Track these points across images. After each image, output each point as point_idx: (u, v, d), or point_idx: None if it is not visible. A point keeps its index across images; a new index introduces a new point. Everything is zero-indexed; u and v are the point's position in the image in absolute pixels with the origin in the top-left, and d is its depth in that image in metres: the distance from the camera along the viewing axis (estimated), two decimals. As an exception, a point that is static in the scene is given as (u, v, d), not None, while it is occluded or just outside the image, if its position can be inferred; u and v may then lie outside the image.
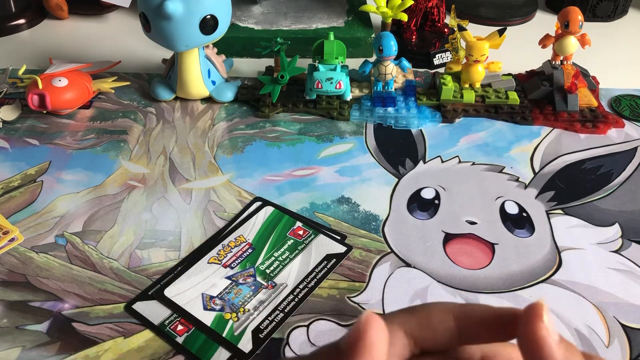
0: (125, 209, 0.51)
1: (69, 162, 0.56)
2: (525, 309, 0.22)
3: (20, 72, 0.65)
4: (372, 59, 0.64)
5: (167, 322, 0.42)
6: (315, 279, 0.45)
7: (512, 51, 0.68)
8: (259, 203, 0.52)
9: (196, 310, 0.42)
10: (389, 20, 0.71)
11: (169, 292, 0.44)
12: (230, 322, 0.42)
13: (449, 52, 0.71)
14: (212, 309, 0.42)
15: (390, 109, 0.62)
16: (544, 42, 0.65)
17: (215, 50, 0.66)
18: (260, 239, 0.48)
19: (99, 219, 0.50)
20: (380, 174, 0.55)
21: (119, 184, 0.54)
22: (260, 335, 0.41)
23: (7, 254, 0.47)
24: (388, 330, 0.22)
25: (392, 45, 0.60)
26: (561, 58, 0.64)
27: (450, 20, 0.65)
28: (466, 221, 0.50)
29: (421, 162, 0.57)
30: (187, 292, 0.44)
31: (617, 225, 0.50)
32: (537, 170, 0.56)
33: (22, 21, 0.80)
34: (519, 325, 0.22)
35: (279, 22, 0.74)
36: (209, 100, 0.65)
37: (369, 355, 0.21)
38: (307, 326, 0.42)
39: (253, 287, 0.44)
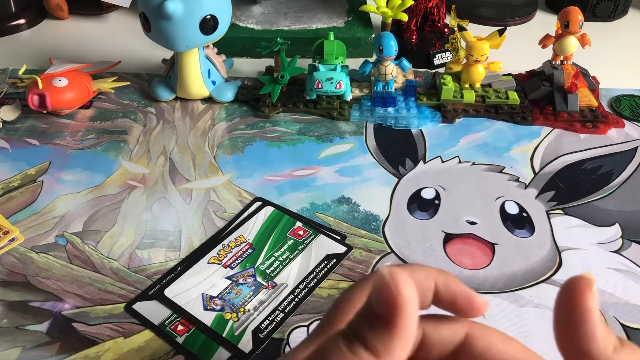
0: (125, 209, 0.51)
1: (69, 162, 0.56)
2: (574, 279, 0.21)
3: (20, 72, 0.65)
4: (372, 59, 0.64)
5: (167, 322, 0.42)
6: (316, 279, 0.45)
7: (512, 51, 0.68)
8: (259, 203, 0.52)
9: (196, 311, 0.42)
10: (389, 20, 0.71)
11: (169, 292, 0.44)
12: (231, 322, 0.42)
13: (449, 52, 0.71)
14: (212, 309, 0.42)
15: (390, 109, 0.62)
16: (544, 42, 0.65)
17: (216, 50, 0.66)
18: (260, 239, 0.48)
19: (99, 219, 0.50)
20: (380, 174, 0.55)
21: (119, 184, 0.54)
22: (260, 336, 0.41)
23: (7, 254, 0.47)
24: None
25: (392, 45, 0.60)
26: (561, 58, 0.64)
27: (450, 20, 0.65)
28: (466, 221, 0.50)
29: (421, 162, 0.57)
30: (187, 292, 0.44)
31: (617, 225, 0.50)
32: (537, 171, 0.56)
33: (22, 21, 0.80)
34: (563, 295, 0.22)
35: (279, 22, 0.74)
36: (209, 100, 0.65)
37: (411, 313, 0.20)
38: (308, 326, 0.42)
39: (253, 287, 0.44)
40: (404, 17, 0.70)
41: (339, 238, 0.48)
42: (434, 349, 0.25)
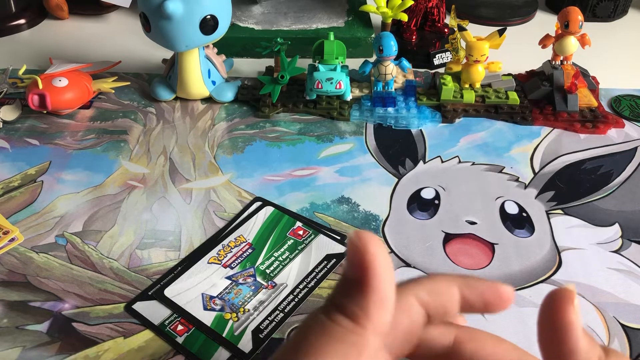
0: (125, 209, 0.51)
1: (69, 162, 0.56)
2: (555, 292, 0.21)
3: (21, 72, 0.65)
4: (372, 59, 0.64)
5: (167, 322, 0.42)
6: (315, 279, 0.45)
7: (512, 51, 0.68)
8: (259, 203, 0.52)
9: (196, 311, 0.42)
10: (389, 20, 0.71)
11: (169, 292, 0.44)
12: (230, 322, 0.42)
13: (449, 52, 0.71)
14: (212, 309, 0.42)
15: (390, 109, 0.62)
16: (544, 42, 0.65)
17: (216, 50, 0.66)
18: (260, 239, 0.48)
19: (99, 219, 0.50)
20: (380, 174, 0.55)
21: (119, 184, 0.54)
22: (260, 335, 0.41)
23: (7, 254, 0.47)
24: (402, 299, 0.22)
25: (392, 45, 0.60)
26: (561, 58, 0.64)
27: (450, 20, 0.65)
28: (466, 221, 0.50)
29: (421, 162, 0.57)
30: (187, 292, 0.44)
31: (617, 225, 0.50)
32: (537, 170, 0.56)
33: (22, 21, 0.80)
34: (545, 309, 0.22)
35: (279, 22, 0.74)
36: (209, 100, 0.65)
37: (381, 270, 0.20)
38: (307, 326, 0.42)
39: (253, 287, 0.44)
40: (404, 17, 0.70)
41: (338, 238, 0.48)
42: (422, 352, 0.25)
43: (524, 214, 0.51)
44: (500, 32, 0.61)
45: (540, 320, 0.22)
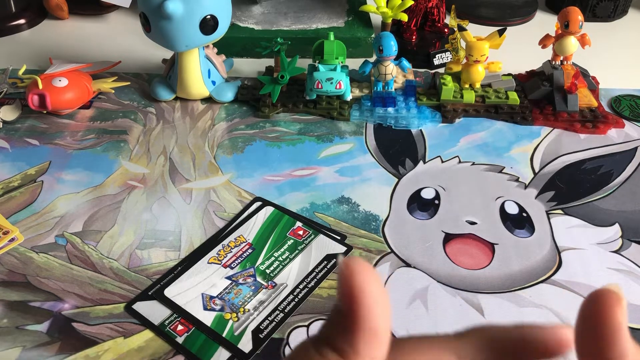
0: (125, 209, 0.51)
1: (69, 162, 0.56)
2: (599, 293, 0.20)
3: (21, 72, 0.65)
4: (372, 59, 0.64)
5: (167, 322, 0.42)
6: (315, 279, 0.45)
7: (512, 51, 0.68)
8: (259, 203, 0.52)
9: (196, 311, 0.42)
10: (389, 21, 0.71)
11: (169, 292, 0.44)
12: (230, 322, 0.42)
13: (449, 52, 0.71)
14: (212, 309, 0.42)
15: (390, 109, 0.62)
16: (544, 42, 0.65)
17: (215, 50, 0.66)
18: (260, 239, 0.48)
19: (99, 219, 0.50)
20: (380, 174, 0.55)
21: (119, 184, 0.54)
22: (260, 336, 0.41)
23: (7, 254, 0.47)
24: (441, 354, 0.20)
25: (392, 45, 0.60)
26: (561, 58, 0.64)
27: (450, 20, 0.65)
28: (466, 221, 0.50)
29: (421, 162, 0.57)
30: (187, 292, 0.44)
31: (617, 225, 0.50)
32: (537, 171, 0.56)
33: (22, 21, 0.80)
34: (587, 311, 0.20)
35: (279, 22, 0.74)
36: (209, 100, 0.65)
37: (370, 304, 0.19)
38: (307, 326, 0.42)
39: (253, 287, 0.44)
40: (404, 17, 0.70)
41: (338, 238, 0.48)
42: None
43: (524, 214, 0.51)
44: (500, 32, 0.61)
45: (581, 324, 0.20)
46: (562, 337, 0.21)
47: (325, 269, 0.46)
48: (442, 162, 0.57)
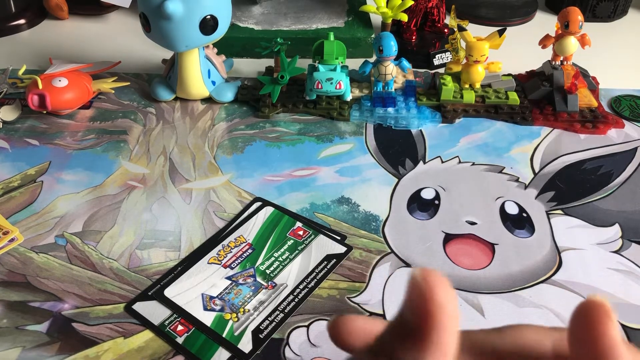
0: (125, 209, 0.51)
1: (69, 162, 0.56)
2: (585, 306, 0.19)
3: (20, 72, 0.65)
4: (372, 59, 0.64)
5: (167, 322, 0.42)
6: (315, 279, 0.45)
7: (512, 51, 0.68)
8: (258, 203, 0.52)
9: (196, 311, 0.42)
10: (389, 21, 0.71)
11: (169, 292, 0.44)
12: (230, 322, 0.42)
13: (449, 53, 0.71)
14: (212, 309, 0.42)
15: (390, 109, 0.62)
16: (544, 42, 0.65)
17: (215, 50, 0.66)
18: (260, 239, 0.48)
19: (99, 219, 0.50)
20: (380, 174, 0.55)
21: (119, 184, 0.54)
22: (260, 336, 0.41)
23: (7, 254, 0.47)
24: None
25: (392, 45, 0.60)
26: (561, 58, 0.64)
27: (450, 20, 0.65)
28: (466, 221, 0.50)
29: (421, 162, 0.57)
30: (187, 292, 0.44)
31: (617, 225, 0.50)
32: (537, 171, 0.56)
33: (22, 21, 0.80)
34: (576, 325, 0.19)
35: (279, 23, 0.74)
36: (209, 100, 0.65)
37: (448, 323, 0.17)
38: (307, 326, 0.42)
39: (253, 288, 0.44)
40: (404, 18, 0.70)
41: (338, 238, 0.48)
42: None
43: (524, 214, 0.51)
44: (500, 32, 0.61)
45: (573, 338, 0.19)
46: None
47: (325, 269, 0.46)
48: (442, 162, 0.57)
